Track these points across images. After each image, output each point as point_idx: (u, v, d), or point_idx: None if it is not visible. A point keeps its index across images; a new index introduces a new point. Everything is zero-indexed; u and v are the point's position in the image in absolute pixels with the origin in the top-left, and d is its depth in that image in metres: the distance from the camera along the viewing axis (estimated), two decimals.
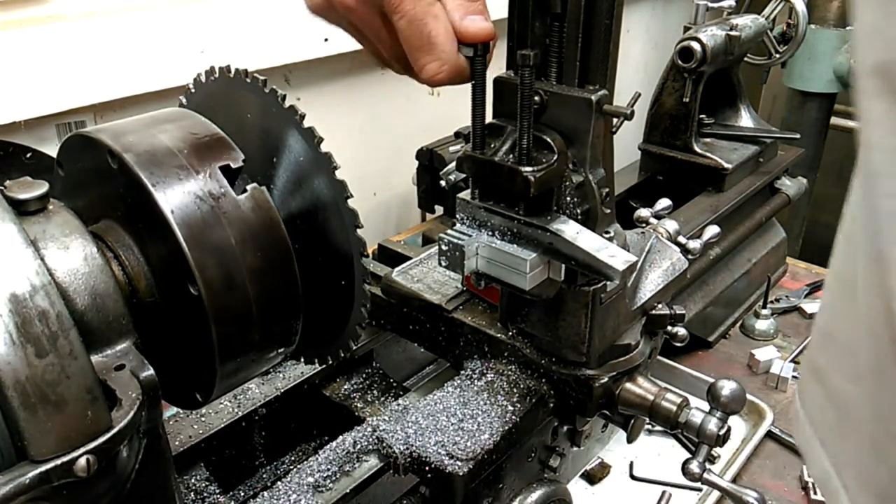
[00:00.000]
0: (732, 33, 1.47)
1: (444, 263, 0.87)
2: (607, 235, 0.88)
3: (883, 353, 0.62)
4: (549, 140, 0.82)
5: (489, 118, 0.85)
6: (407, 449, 0.88)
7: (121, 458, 0.63)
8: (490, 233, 0.87)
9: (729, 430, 0.90)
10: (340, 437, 0.92)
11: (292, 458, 1.15)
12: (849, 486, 0.69)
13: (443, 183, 1.01)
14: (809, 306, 1.65)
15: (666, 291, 1.03)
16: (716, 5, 1.64)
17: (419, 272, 1.15)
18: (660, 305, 1.01)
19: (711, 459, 0.94)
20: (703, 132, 1.62)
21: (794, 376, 1.43)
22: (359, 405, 1.14)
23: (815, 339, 0.75)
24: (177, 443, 0.98)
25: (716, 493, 1.16)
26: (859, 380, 0.67)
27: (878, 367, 0.63)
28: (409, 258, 1.20)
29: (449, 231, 0.88)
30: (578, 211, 0.86)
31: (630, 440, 1.00)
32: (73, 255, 0.67)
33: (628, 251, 0.86)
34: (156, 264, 0.75)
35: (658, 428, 1.30)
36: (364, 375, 1.20)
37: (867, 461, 0.66)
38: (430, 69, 0.72)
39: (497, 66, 0.84)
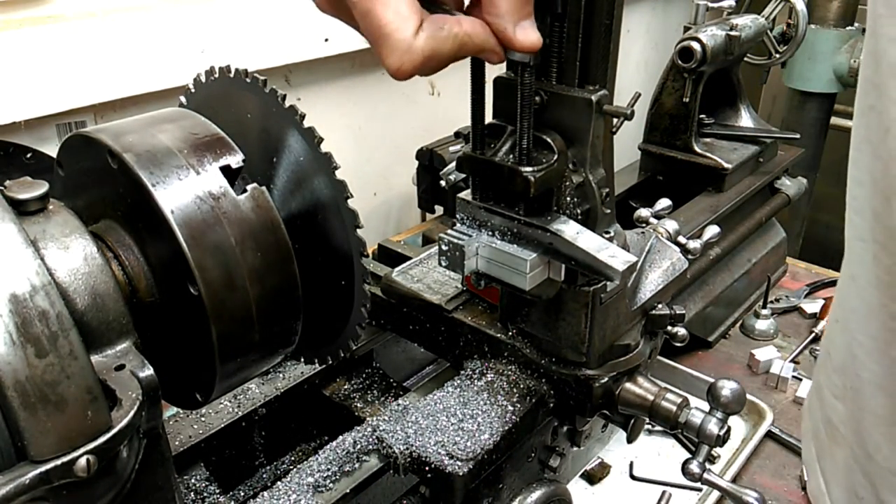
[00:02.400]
0: (732, 33, 1.47)
1: (444, 263, 0.87)
2: (607, 235, 0.88)
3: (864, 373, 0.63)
4: (549, 140, 0.82)
5: (489, 118, 0.85)
6: (407, 449, 0.88)
7: (121, 458, 0.63)
8: (490, 233, 0.87)
9: (729, 430, 0.90)
10: (340, 437, 0.92)
11: (292, 458, 1.15)
12: (835, 502, 0.70)
13: (443, 183, 1.01)
14: (809, 306, 1.65)
15: (666, 291, 1.03)
16: (716, 5, 1.64)
17: (419, 272, 1.15)
18: (660, 305, 1.01)
19: (711, 459, 0.94)
20: (703, 132, 1.62)
21: (794, 376, 1.43)
22: (359, 405, 1.15)
23: (820, 356, 0.76)
24: (177, 443, 0.98)
25: (716, 493, 1.16)
26: (844, 398, 0.68)
27: (857, 386, 0.65)
28: (409, 258, 1.20)
29: (449, 231, 0.88)
30: (578, 211, 0.86)
31: (630, 440, 1.00)
32: (73, 255, 0.67)
33: (628, 251, 0.86)
34: (156, 264, 0.75)
35: (658, 428, 1.30)
36: (364, 375, 1.20)
37: (850, 475, 0.67)
38: (390, 64, 0.64)
39: (497, 67, 0.84)
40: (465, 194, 0.89)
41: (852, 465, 0.67)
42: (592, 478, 1.23)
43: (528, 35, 0.67)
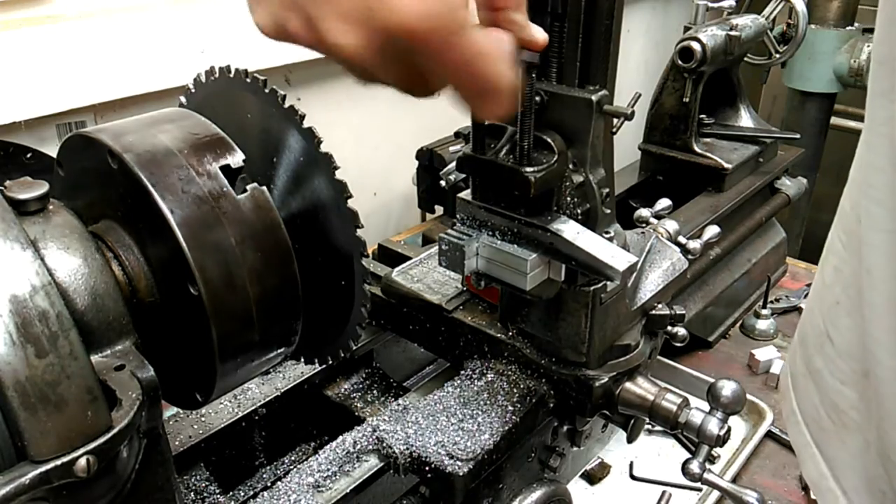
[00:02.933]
0: (732, 33, 1.47)
1: (444, 263, 0.87)
2: (607, 235, 0.88)
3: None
4: (549, 140, 0.82)
5: None
6: (407, 449, 0.88)
7: (121, 458, 0.63)
8: (490, 233, 0.87)
9: (729, 430, 0.90)
10: (340, 437, 0.92)
11: (292, 458, 1.15)
12: (848, 490, 0.69)
13: (443, 183, 1.01)
14: None
15: (666, 291, 1.03)
16: (716, 5, 1.64)
17: (419, 272, 1.15)
18: (660, 305, 1.01)
19: (711, 459, 0.94)
20: (703, 132, 1.62)
21: None
22: (359, 405, 1.14)
23: (812, 340, 0.74)
24: (177, 443, 0.98)
25: (716, 493, 1.16)
26: (855, 384, 0.67)
27: (874, 382, 0.64)
28: (409, 258, 1.20)
29: (449, 231, 0.88)
30: (579, 211, 0.86)
31: (630, 440, 1.00)
32: (73, 255, 0.67)
33: (628, 251, 0.86)
34: (156, 264, 0.75)
35: (658, 428, 1.30)
36: (364, 375, 1.20)
37: (868, 465, 0.66)
38: (499, 114, 0.60)
39: None
40: (465, 194, 0.89)
41: (871, 455, 0.66)
42: (592, 478, 1.23)
43: (539, 32, 0.66)
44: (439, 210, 1.79)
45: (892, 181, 0.59)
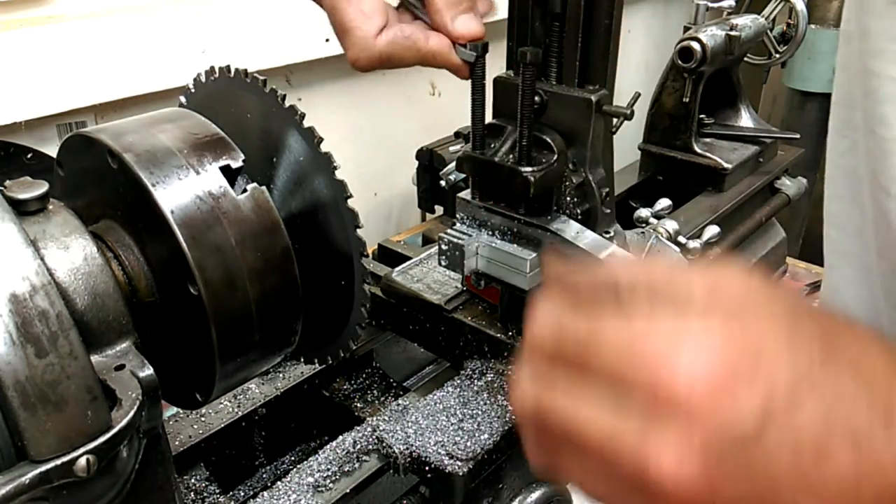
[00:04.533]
0: (732, 33, 1.47)
1: (444, 263, 0.87)
2: (607, 235, 0.88)
3: None
4: (548, 140, 0.83)
5: (489, 118, 0.85)
6: (407, 449, 0.88)
7: (121, 458, 0.63)
8: (490, 233, 0.87)
9: None
10: (340, 437, 0.92)
11: (292, 458, 1.15)
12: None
13: (443, 183, 1.01)
14: None
15: None
16: (716, 5, 1.64)
17: (419, 272, 1.15)
18: None
19: None
20: (703, 132, 1.62)
21: None
22: (359, 405, 1.14)
23: None
24: (177, 443, 0.98)
25: None
26: None
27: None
28: (409, 258, 1.20)
29: (449, 231, 0.88)
30: (578, 211, 0.86)
31: None
32: (73, 255, 0.67)
33: (628, 251, 0.86)
34: (156, 264, 0.75)
35: None
36: (364, 375, 1.20)
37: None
38: (348, 57, 0.73)
39: (497, 67, 0.84)
40: (465, 194, 0.89)
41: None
42: None
43: (466, 25, 0.70)
44: (439, 210, 1.79)
45: (850, 209, 0.63)
